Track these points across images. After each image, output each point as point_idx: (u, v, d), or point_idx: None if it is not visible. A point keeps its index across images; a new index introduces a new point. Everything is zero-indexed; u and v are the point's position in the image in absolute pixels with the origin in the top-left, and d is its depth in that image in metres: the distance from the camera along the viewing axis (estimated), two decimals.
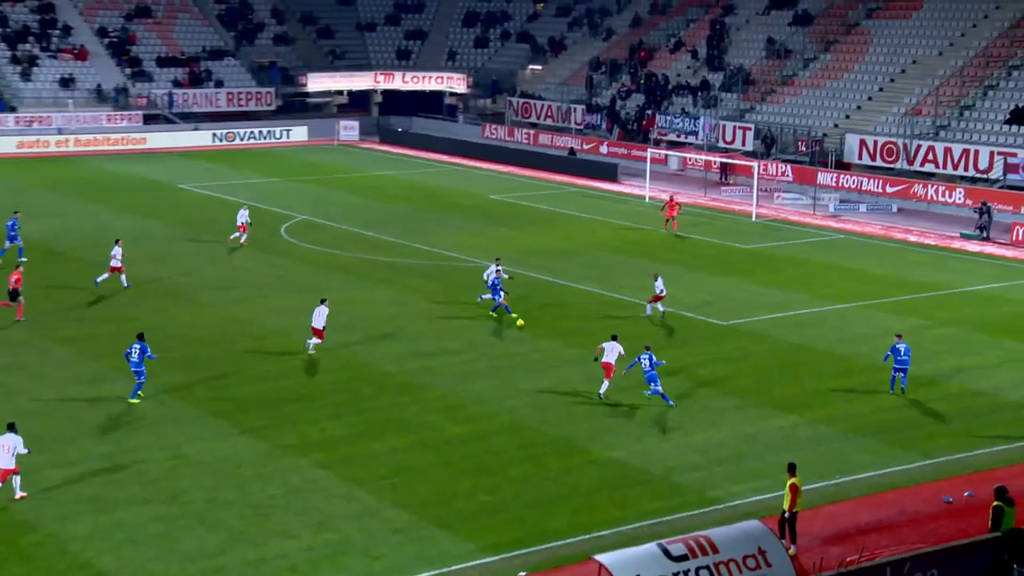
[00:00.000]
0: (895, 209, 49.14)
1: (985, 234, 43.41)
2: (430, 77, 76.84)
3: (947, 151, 49.55)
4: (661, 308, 31.74)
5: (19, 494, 19.85)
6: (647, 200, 50.98)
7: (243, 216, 40.01)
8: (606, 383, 25.21)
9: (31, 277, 34.94)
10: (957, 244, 42.80)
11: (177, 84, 70.88)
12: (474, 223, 45.76)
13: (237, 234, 39.90)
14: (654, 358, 24.93)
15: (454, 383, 26.39)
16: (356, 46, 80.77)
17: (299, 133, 70.32)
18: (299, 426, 23.56)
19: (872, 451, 22.57)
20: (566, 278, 35.85)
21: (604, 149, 62.71)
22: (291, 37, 78.23)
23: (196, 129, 67.93)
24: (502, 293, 31.08)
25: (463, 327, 30.63)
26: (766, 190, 51.49)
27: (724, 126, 58.28)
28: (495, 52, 79.52)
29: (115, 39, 72.22)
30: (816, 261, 39.59)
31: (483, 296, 32.34)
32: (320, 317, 28.06)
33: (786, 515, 18.46)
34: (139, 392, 24.67)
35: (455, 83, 76.49)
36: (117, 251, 33.50)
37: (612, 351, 25.28)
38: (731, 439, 23.15)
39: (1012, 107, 50.08)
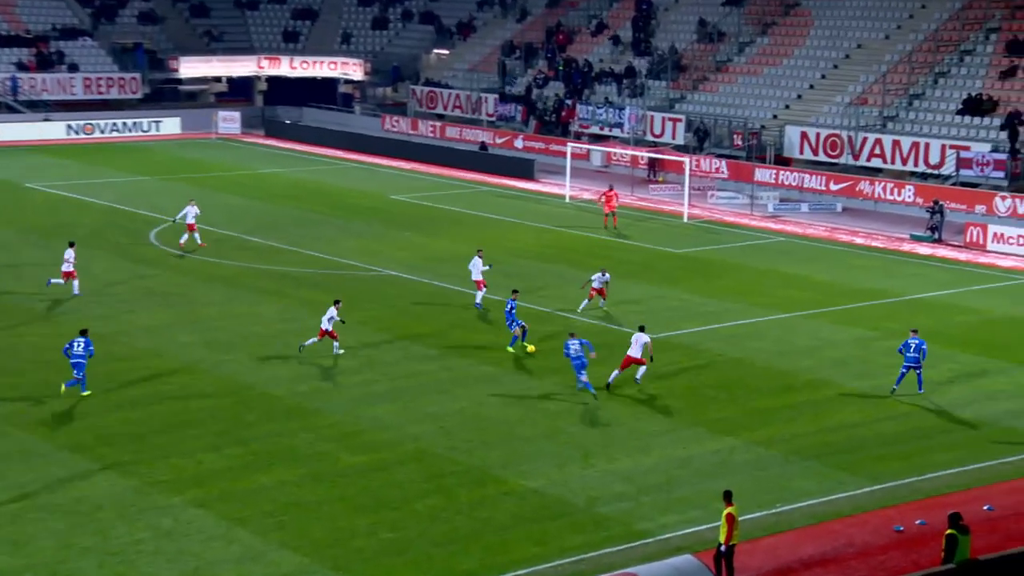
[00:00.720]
0: (840, 208, 50.43)
1: (937, 236, 44.82)
2: (322, 62, 76.43)
3: (895, 144, 51.06)
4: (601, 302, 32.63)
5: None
6: (568, 200, 51.45)
7: (191, 213, 40.59)
8: (642, 369, 27.64)
9: None
10: (907, 247, 44.11)
11: (22, 67, 69.20)
12: (374, 227, 45.64)
13: (187, 235, 40.35)
14: (585, 342, 27.02)
15: (351, 407, 26.27)
16: (236, 27, 79.94)
17: (170, 125, 69.31)
18: (171, 459, 23.21)
19: (816, 476, 23.11)
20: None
21: (519, 143, 63.14)
22: (159, 15, 77.10)
23: (47, 120, 66.41)
24: (518, 325, 30.14)
25: (360, 343, 30.51)
26: (699, 188, 52.36)
27: (652, 117, 59.16)
28: (395, 35, 79.48)
29: None
30: (754, 267, 40.37)
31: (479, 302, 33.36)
32: (326, 319, 29.09)
33: (722, 548, 18.78)
34: (78, 385, 26.32)
35: (350, 69, 76.20)
36: (70, 254, 34.37)
37: (637, 343, 27.26)
38: (661, 465, 23.47)
39: (965, 96, 51.85)
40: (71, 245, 34.87)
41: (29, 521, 20.49)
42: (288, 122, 71.93)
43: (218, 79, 76.56)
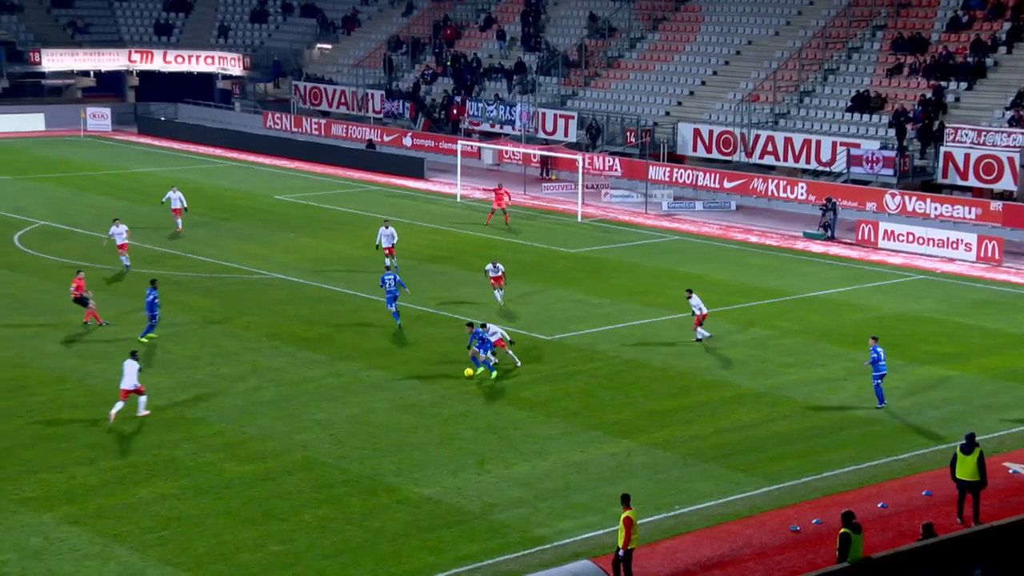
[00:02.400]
0: (734, 207, 51.48)
1: (830, 233, 46.06)
2: (198, 56, 75.15)
3: (787, 141, 52.32)
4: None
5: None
6: (459, 199, 51.52)
7: (176, 199, 42.57)
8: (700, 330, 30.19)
9: None
10: (800, 244, 45.23)
11: None
12: (257, 228, 45.08)
13: (178, 220, 42.45)
14: (398, 277, 30.61)
15: (235, 416, 25.93)
16: (103, 18, 78.15)
17: (33, 122, 67.41)
18: (40, 474, 22.62)
19: (713, 478, 23.56)
20: (367, 290, 35.78)
21: (408, 141, 63.02)
22: (16, 4, 74.89)
23: None
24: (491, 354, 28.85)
25: (244, 349, 30.12)
26: (593, 187, 52.90)
27: (544, 114, 59.61)
28: (276, 28, 78.61)
29: None
30: (649, 266, 40.95)
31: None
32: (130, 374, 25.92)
33: (620, 553, 19.03)
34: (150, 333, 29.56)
35: (228, 64, 75.12)
36: (120, 229, 37.26)
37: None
38: (557, 469, 23.67)
39: (854, 93, 53.40)
40: (115, 221, 37.84)
41: None
42: (163, 119, 70.63)
43: (85, 73, 74.70)
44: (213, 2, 79.38)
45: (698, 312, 31.68)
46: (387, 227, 38.34)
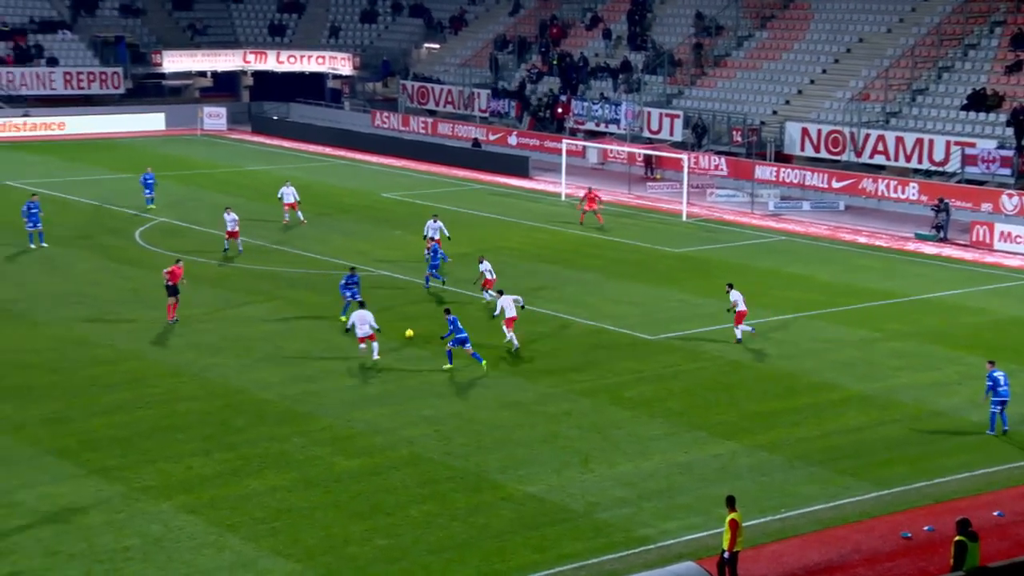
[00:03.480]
0: (842, 207, 50.57)
1: (942, 234, 44.96)
2: (310, 57, 76.38)
3: (899, 141, 51.20)
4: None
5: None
6: (563, 198, 51.51)
7: (289, 194, 44.04)
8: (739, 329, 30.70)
9: None
10: (912, 246, 44.24)
11: (0, 62, 69.06)
12: (363, 226, 45.65)
13: (289, 214, 44.09)
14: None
15: (343, 411, 26.29)
16: (220, 20, 79.88)
17: (154, 121, 69.21)
18: (159, 464, 23.21)
19: (820, 481, 23.17)
20: (470, 288, 35.99)
21: (513, 140, 63.18)
22: (141, 8, 76.96)
23: (26, 115, 66.27)
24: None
25: (352, 345, 30.52)
26: (698, 186, 52.43)
27: (649, 113, 59.25)
28: (385, 28, 79.48)
29: None
30: (755, 267, 40.45)
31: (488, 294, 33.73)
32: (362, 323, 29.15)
33: (725, 555, 18.84)
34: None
35: (339, 64, 76.19)
36: (232, 217, 39.35)
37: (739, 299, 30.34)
38: (661, 470, 23.52)
39: (969, 91, 52.00)
40: (228, 209, 39.76)
41: (15, 528, 20.47)
42: (275, 118, 71.89)
43: (203, 74, 76.46)
44: (325, 3, 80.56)
45: (739, 308, 31.31)
46: (435, 221, 38.62)
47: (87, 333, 31.19)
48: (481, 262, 34.54)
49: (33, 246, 40.31)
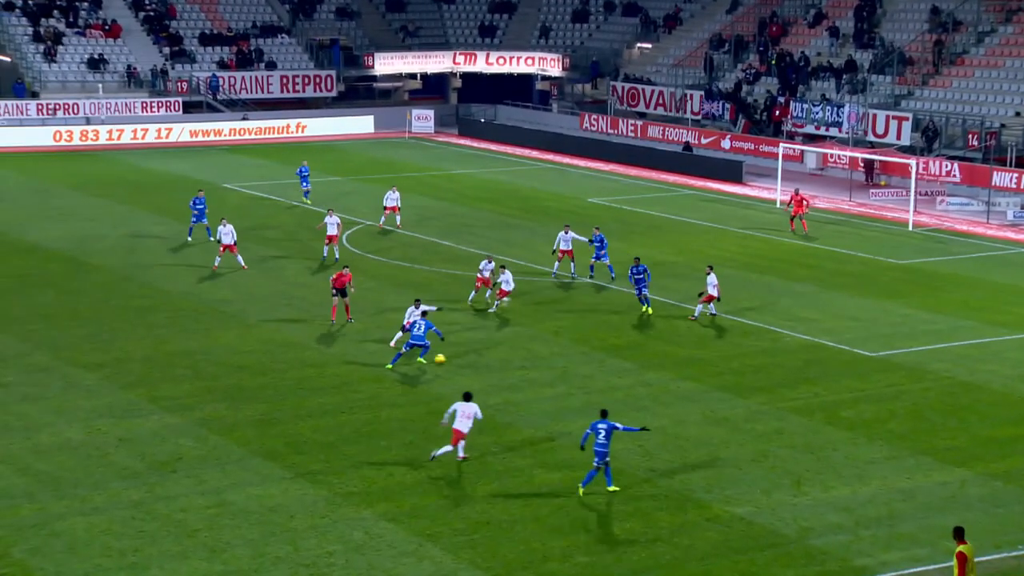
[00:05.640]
0: None
1: None
2: (519, 58, 77.41)
3: None
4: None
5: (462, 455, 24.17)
6: (778, 205, 50.54)
7: (393, 198, 45.15)
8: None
9: (53, 291, 36.29)
10: None
11: (223, 66, 72.70)
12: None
13: (386, 217, 45.25)
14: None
15: (545, 422, 26.51)
16: (432, 21, 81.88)
17: (364, 124, 71.51)
18: (362, 470, 23.91)
19: None
20: (678, 298, 35.73)
21: (726, 144, 62.41)
22: (355, 11, 79.69)
23: (245, 119, 69.51)
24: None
25: (554, 355, 30.73)
26: (927, 193, 50.63)
27: (874, 116, 57.47)
28: (596, 28, 79.77)
29: (152, 13, 74.46)
30: (990, 280, 38.81)
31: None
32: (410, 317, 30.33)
33: None
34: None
35: (548, 65, 76.93)
36: (333, 219, 39.72)
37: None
38: (882, 496, 22.81)
39: None
40: (328, 212, 40.44)
41: (225, 528, 21.49)
42: (482, 120, 73.15)
43: (412, 76, 78.54)
44: (536, 2, 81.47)
45: (709, 291, 32.65)
46: (567, 232, 38.11)
47: (294, 336, 32.43)
48: (503, 272, 34.56)
49: (191, 239, 42.51)
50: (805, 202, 45.21)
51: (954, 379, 29.22)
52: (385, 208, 45.44)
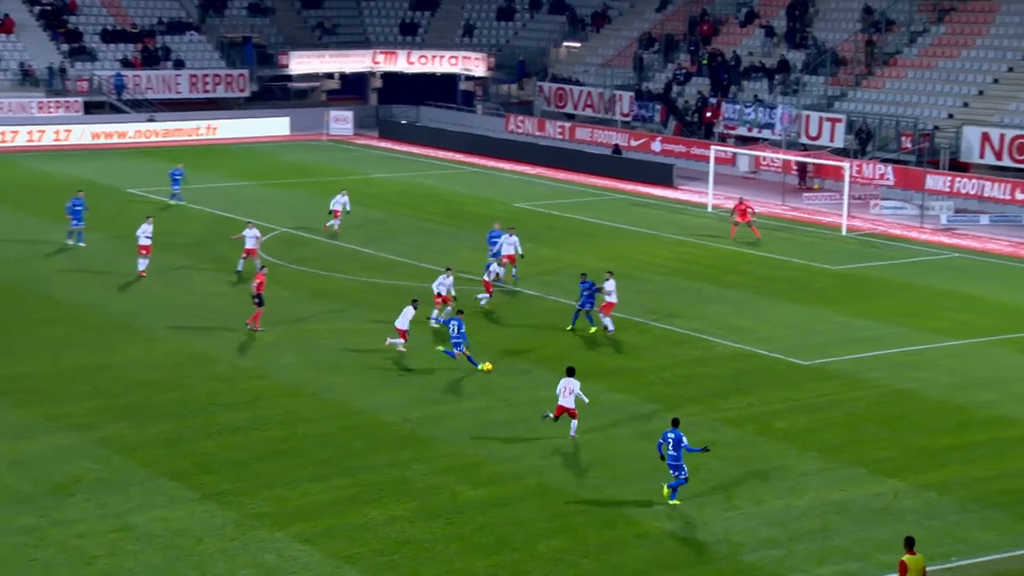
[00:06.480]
0: None
1: None
2: (442, 57, 77.41)
3: None
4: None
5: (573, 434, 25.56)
6: (710, 209, 51.01)
7: (340, 202, 45.25)
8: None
9: None
10: None
11: (127, 64, 71.73)
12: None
13: (332, 221, 44.92)
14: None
15: (468, 436, 26.42)
16: (350, 18, 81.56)
17: (279, 126, 71.00)
18: (275, 490, 23.64)
19: (998, 527, 22.40)
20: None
21: (657, 146, 62.89)
22: (269, 7, 79.13)
23: (151, 120, 68.68)
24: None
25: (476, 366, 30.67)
26: (860, 197, 51.39)
27: (808, 117, 58.29)
28: (522, 26, 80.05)
29: (49, 8, 73.23)
30: (924, 286, 39.45)
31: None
32: (404, 318, 31.07)
33: None
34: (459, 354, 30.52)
35: (473, 64, 77.01)
36: (254, 232, 39.09)
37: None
38: (815, 509, 23.05)
39: None
40: (248, 224, 39.81)
41: (127, 553, 21.09)
42: (404, 122, 73.01)
43: (330, 76, 78.11)
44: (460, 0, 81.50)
45: (608, 299, 32.72)
46: (511, 235, 38.23)
47: (204, 349, 32.04)
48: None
49: (70, 242, 42.50)
50: (750, 210, 45.61)
51: (888, 387, 29.64)
52: (332, 211, 45.02)
